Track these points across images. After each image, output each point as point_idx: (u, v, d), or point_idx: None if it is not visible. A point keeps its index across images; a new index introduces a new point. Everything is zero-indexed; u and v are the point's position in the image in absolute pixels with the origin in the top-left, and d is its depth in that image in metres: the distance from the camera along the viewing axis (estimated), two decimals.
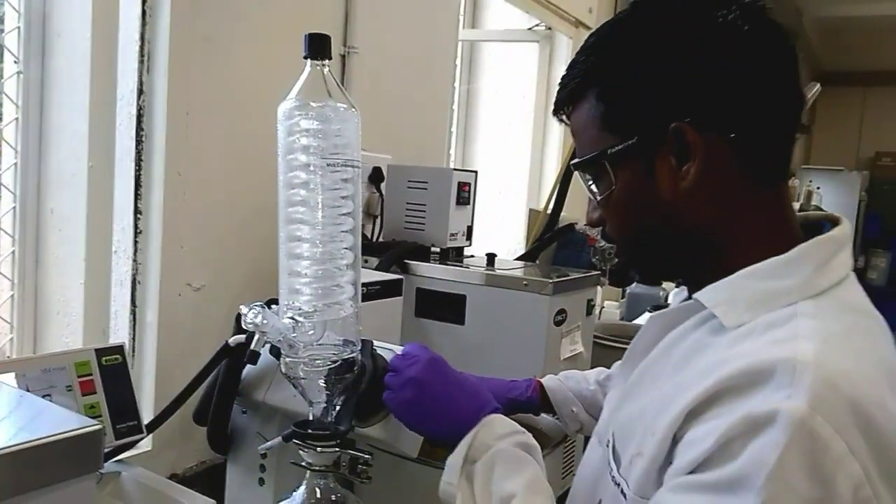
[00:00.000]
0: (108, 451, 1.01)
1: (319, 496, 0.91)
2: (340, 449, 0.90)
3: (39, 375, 0.94)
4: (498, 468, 0.77)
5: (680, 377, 0.67)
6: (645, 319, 1.12)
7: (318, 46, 0.85)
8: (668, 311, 0.76)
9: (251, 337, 0.94)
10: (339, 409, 0.90)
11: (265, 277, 1.36)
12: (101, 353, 1.01)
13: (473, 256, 1.68)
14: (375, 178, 1.73)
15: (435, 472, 0.83)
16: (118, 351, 1.04)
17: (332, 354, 0.86)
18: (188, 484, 1.11)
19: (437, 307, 1.49)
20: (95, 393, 0.99)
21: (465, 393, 0.87)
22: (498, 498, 0.75)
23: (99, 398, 0.99)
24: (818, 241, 0.68)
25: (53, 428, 0.63)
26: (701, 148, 0.67)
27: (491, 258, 1.58)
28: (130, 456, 1.15)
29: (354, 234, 0.87)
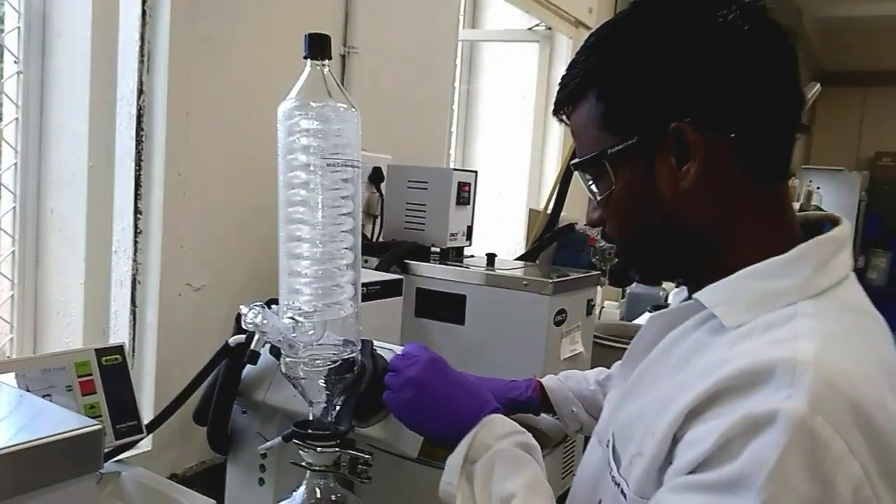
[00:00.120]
0: (108, 451, 1.01)
1: (319, 496, 0.91)
2: (340, 449, 0.90)
3: (39, 375, 0.94)
4: (498, 468, 0.77)
5: (680, 377, 0.66)
6: (645, 319, 1.12)
7: (318, 46, 0.85)
8: (668, 311, 0.76)
9: (251, 337, 0.94)
10: (339, 409, 0.90)
11: (265, 277, 1.36)
12: (101, 353, 1.01)
13: (473, 256, 1.68)
14: (375, 178, 1.73)
15: (435, 472, 0.83)
16: (118, 351, 1.04)
17: (332, 354, 0.86)
18: (188, 484, 1.11)
19: (437, 307, 1.49)
20: (95, 393, 0.99)
21: (465, 393, 0.87)
22: (498, 498, 0.75)
23: (99, 398, 0.99)
24: (818, 241, 0.68)
25: (53, 428, 0.63)
26: (701, 148, 0.67)
27: (491, 258, 1.58)
28: (130, 456, 1.15)
29: (354, 234, 0.87)
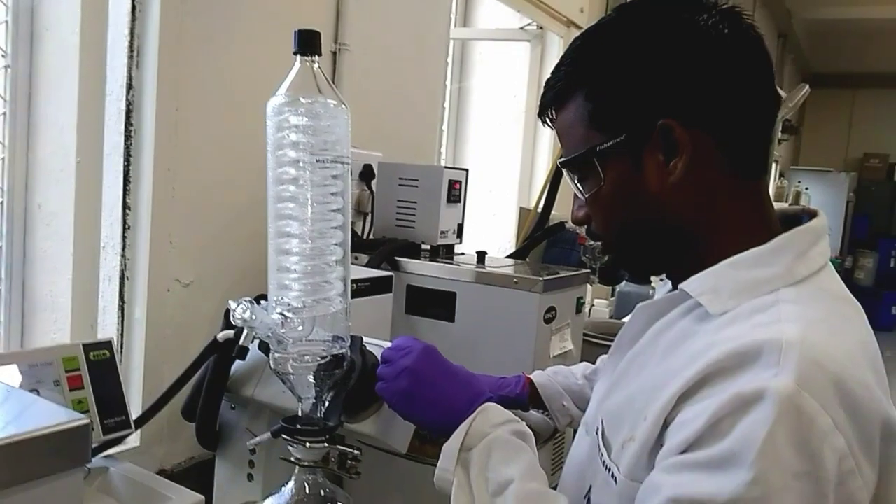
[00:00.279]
0: (95, 446, 1.01)
1: (308, 491, 0.91)
2: (329, 445, 0.90)
3: (27, 370, 0.94)
4: (495, 455, 0.78)
5: (668, 363, 0.68)
6: None
7: (307, 42, 0.85)
8: (653, 301, 0.78)
9: (240, 332, 0.94)
10: (328, 404, 0.90)
11: (254, 273, 1.36)
12: (88, 348, 1.01)
13: (464, 254, 1.68)
14: (366, 175, 1.73)
15: (423, 467, 0.84)
16: (106, 346, 1.03)
17: (321, 350, 0.86)
18: (177, 480, 1.10)
19: (427, 304, 1.50)
20: (83, 388, 0.99)
21: (459, 382, 0.88)
22: (495, 484, 0.76)
23: (87, 393, 0.99)
24: (798, 231, 0.71)
25: (41, 422, 0.63)
26: (688, 144, 0.69)
27: (481, 256, 1.59)
28: (118, 452, 1.14)
29: (344, 230, 0.87)
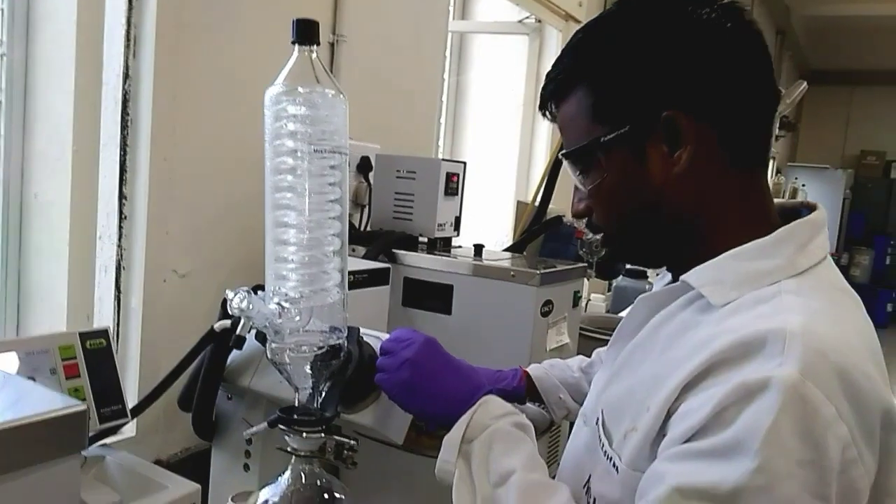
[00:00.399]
0: (92, 435, 1.00)
1: (304, 481, 0.91)
2: (326, 435, 0.90)
3: (23, 358, 0.94)
4: (496, 446, 0.79)
5: (670, 354, 0.69)
6: None
7: (305, 31, 0.85)
8: (654, 293, 0.78)
9: (237, 322, 0.94)
10: (324, 395, 0.90)
11: (251, 263, 1.36)
12: (85, 336, 1.01)
13: (461, 247, 1.68)
14: (364, 167, 1.73)
15: (419, 459, 0.84)
16: (103, 335, 1.03)
17: (318, 341, 0.86)
18: (173, 470, 1.10)
19: (424, 297, 1.50)
20: (79, 377, 0.99)
21: (460, 374, 0.88)
22: (497, 475, 0.76)
23: (83, 382, 0.99)
24: (798, 223, 0.71)
25: (37, 408, 0.63)
26: (693, 134, 0.69)
27: (478, 249, 1.59)
28: (114, 441, 1.14)
29: (342, 220, 0.87)
